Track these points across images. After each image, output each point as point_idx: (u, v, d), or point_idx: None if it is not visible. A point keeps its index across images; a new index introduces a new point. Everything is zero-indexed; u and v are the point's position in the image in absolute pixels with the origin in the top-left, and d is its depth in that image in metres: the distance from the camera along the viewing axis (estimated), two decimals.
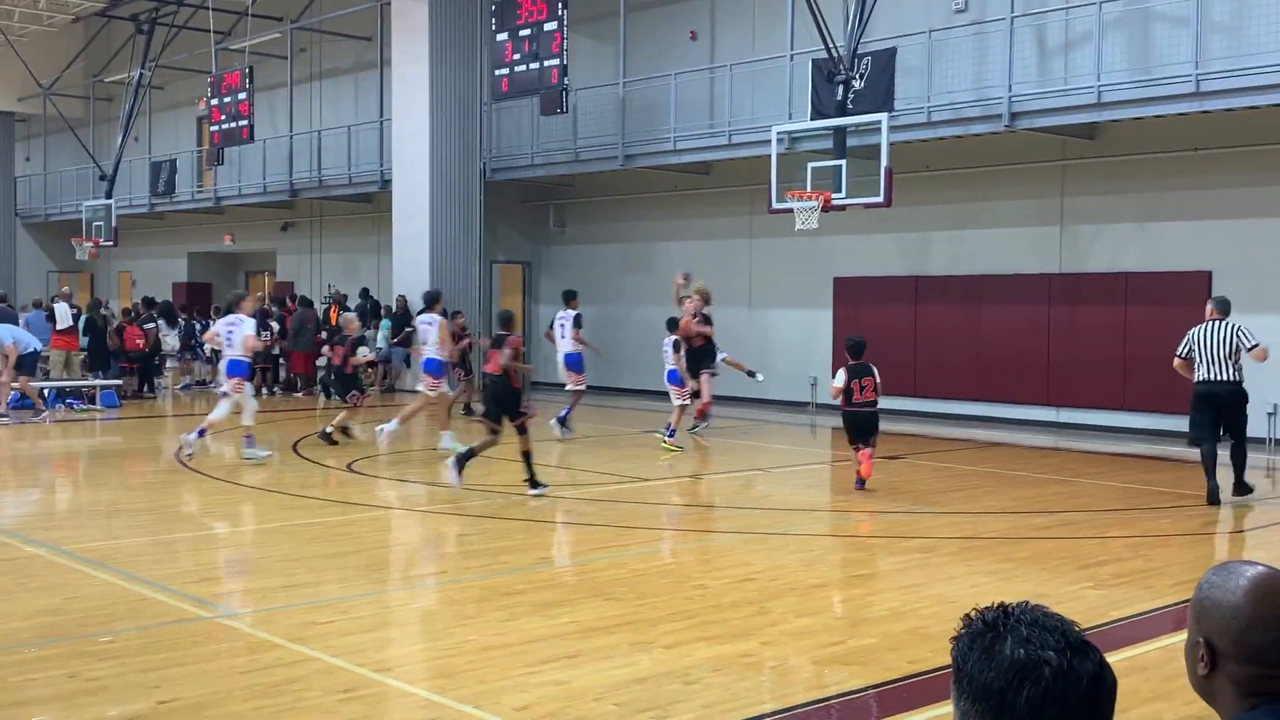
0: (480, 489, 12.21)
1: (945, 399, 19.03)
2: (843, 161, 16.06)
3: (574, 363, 16.45)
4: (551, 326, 17.11)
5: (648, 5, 22.88)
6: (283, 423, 18.67)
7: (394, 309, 23.89)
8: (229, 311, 14.88)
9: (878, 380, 12.13)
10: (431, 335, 15.16)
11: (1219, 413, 11.25)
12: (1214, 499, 11.24)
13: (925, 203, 19.01)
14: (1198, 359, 11.25)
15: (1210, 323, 11.26)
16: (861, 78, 16.75)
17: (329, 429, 15.59)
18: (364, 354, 16.32)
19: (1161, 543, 9.66)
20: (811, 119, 17.52)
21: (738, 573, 8.41)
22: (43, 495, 13.00)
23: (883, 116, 15.73)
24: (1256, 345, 11.15)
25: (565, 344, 16.54)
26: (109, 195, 30.40)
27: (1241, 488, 11.44)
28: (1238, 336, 11.09)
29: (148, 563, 8.65)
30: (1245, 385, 11.31)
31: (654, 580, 8.21)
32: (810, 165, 16.48)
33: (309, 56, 29.77)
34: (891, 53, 17.08)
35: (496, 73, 21.42)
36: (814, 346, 20.84)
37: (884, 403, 12.54)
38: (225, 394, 14.31)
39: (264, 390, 23.41)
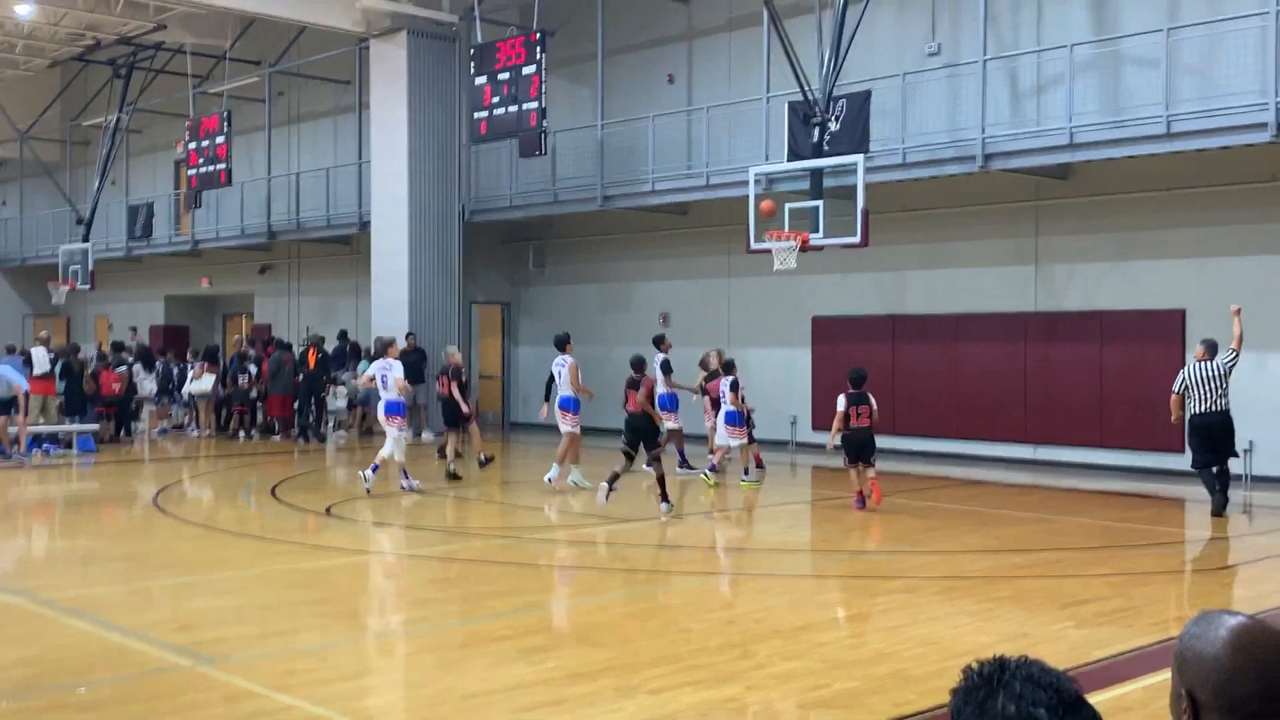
0: (463, 531, 12.18)
1: (923, 436, 19.08)
2: (819, 202, 16.19)
3: (668, 402, 16.72)
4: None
5: (625, 49, 23.07)
6: (262, 465, 18.59)
7: (373, 350, 23.81)
8: (379, 356, 16.15)
9: (874, 407, 13.60)
10: (564, 376, 15.69)
11: (1214, 439, 12.84)
12: (1219, 511, 12.70)
13: (901, 242, 19.16)
14: (1191, 395, 12.86)
15: (1200, 363, 12.90)
16: (837, 120, 16.91)
17: (452, 467, 16.22)
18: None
19: (1142, 580, 9.70)
20: (788, 160, 17.66)
21: (722, 615, 8.40)
22: (19, 543, 12.87)
23: (859, 158, 15.88)
24: (1234, 353, 12.87)
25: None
26: (86, 239, 30.31)
27: (1223, 502, 12.83)
28: (1222, 368, 12.81)
29: (126, 611, 8.58)
30: (1232, 415, 12.95)
31: (638, 624, 8.19)
32: (788, 206, 16.59)
33: (287, 100, 29.85)
34: (866, 95, 17.25)
35: (475, 115, 21.52)
36: (793, 385, 20.91)
37: None
38: (389, 432, 15.12)
39: (241, 433, 23.32)
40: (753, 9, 20.11)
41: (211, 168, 26.77)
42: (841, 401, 13.43)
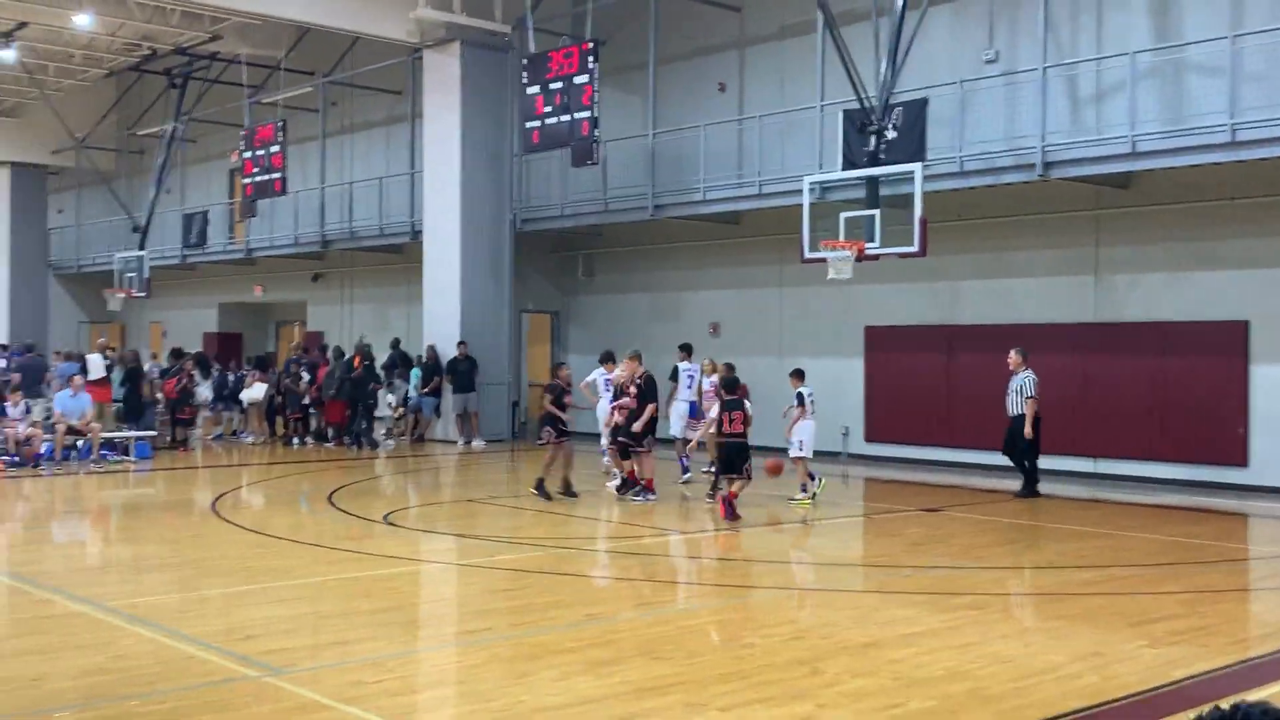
0: (519, 541, 12.15)
1: (980, 449, 18.85)
2: (876, 211, 16.06)
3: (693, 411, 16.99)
4: (676, 377, 17.50)
5: (677, 57, 23.04)
6: (317, 472, 18.67)
7: (424, 359, 23.93)
8: (603, 364, 17.08)
9: (748, 414, 13.50)
10: (692, 383, 16.29)
11: None
12: None
13: (957, 252, 18.98)
14: None
15: None
16: (894, 127, 16.77)
17: (572, 484, 15.20)
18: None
19: (1214, 598, 9.50)
20: (843, 169, 17.54)
21: (786, 630, 8.30)
22: (83, 549, 12.99)
23: (916, 166, 15.74)
24: None
25: (690, 394, 17.30)
26: (142, 246, 30.66)
27: None
28: None
29: (191, 619, 8.60)
30: None
31: (701, 638, 8.11)
32: (843, 215, 16.47)
33: (341, 110, 30.06)
34: (923, 103, 17.12)
35: (527, 125, 21.56)
36: (845, 396, 20.75)
37: (917, 452, 12.98)
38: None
39: (295, 440, 23.46)
40: (806, 16, 20.03)
41: (266, 177, 27.01)
42: (680, 407, 13.62)
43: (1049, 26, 17.37)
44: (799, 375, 15.29)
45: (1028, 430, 15.48)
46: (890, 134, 16.73)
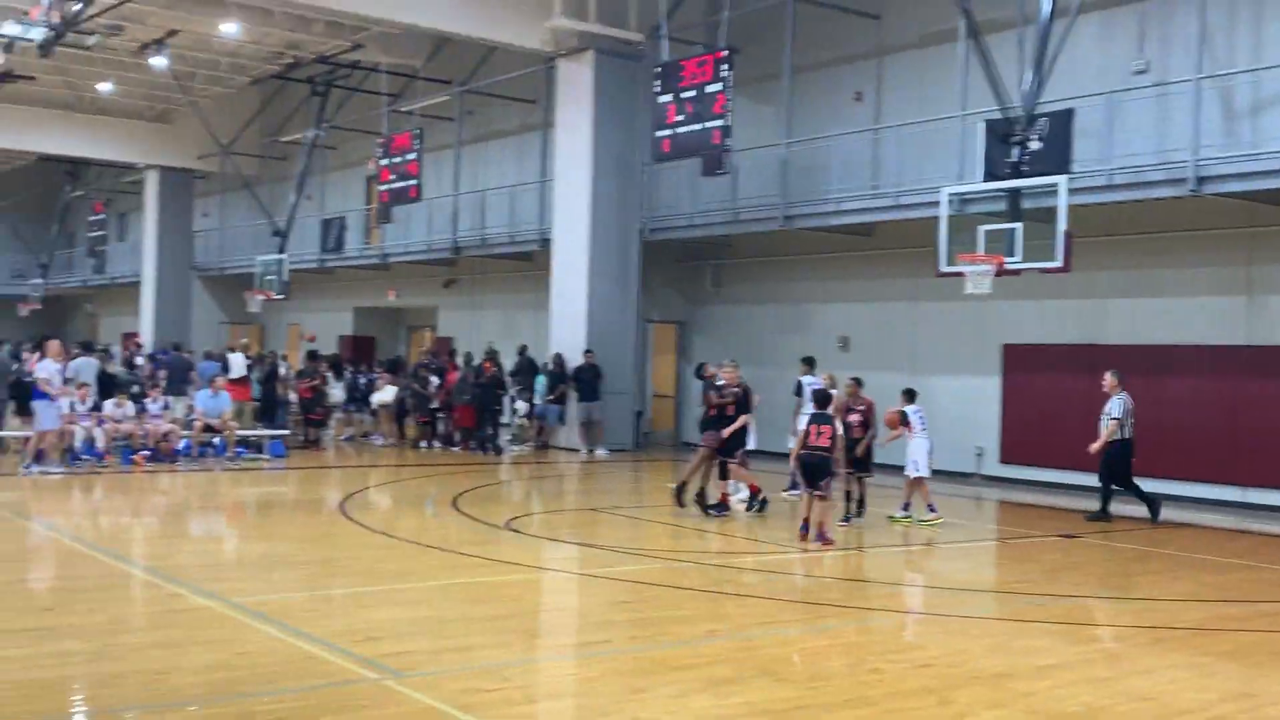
0: (638, 552, 12.01)
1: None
2: (1018, 225, 15.55)
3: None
4: (800, 391, 16.46)
5: (812, 66, 22.72)
6: (443, 476, 18.82)
7: (550, 366, 24.01)
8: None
9: (838, 431, 12.80)
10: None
11: None
12: None
13: (1101, 268, 18.29)
14: None
15: None
16: (1039, 138, 16.23)
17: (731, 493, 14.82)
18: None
19: None
20: (984, 180, 17.04)
21: (914, 656, 7.99)
22: (214, 545, 13.26)
23: (1061, 179, 15.19)
24: None
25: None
26: (281, 250, 31.45)
27: None
28: None
29: (313, 618, 8.64)
30: None
31: (824, 660, 7.84)
32: (982, 228, 15.99)
33: (476, 118, 30.42)
34: (1069, 113, 16.54)
35: (658, 134, 21.46)
36: (979, 415, 20.17)
37: (1056, 476, 12.39)
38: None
39: (423, 443, 23.74)
40: (947, 25, 19.57)
41: (402, 184, 27.44)
42: (803, 421, 13.20)
43: (1203, 36, 16.64)
44: (910, 395, 14.78)
45: (1094, 447, 15.17)
46: (1034, 144, 16.17)
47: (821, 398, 13.42)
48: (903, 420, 14.53)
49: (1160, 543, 13.83)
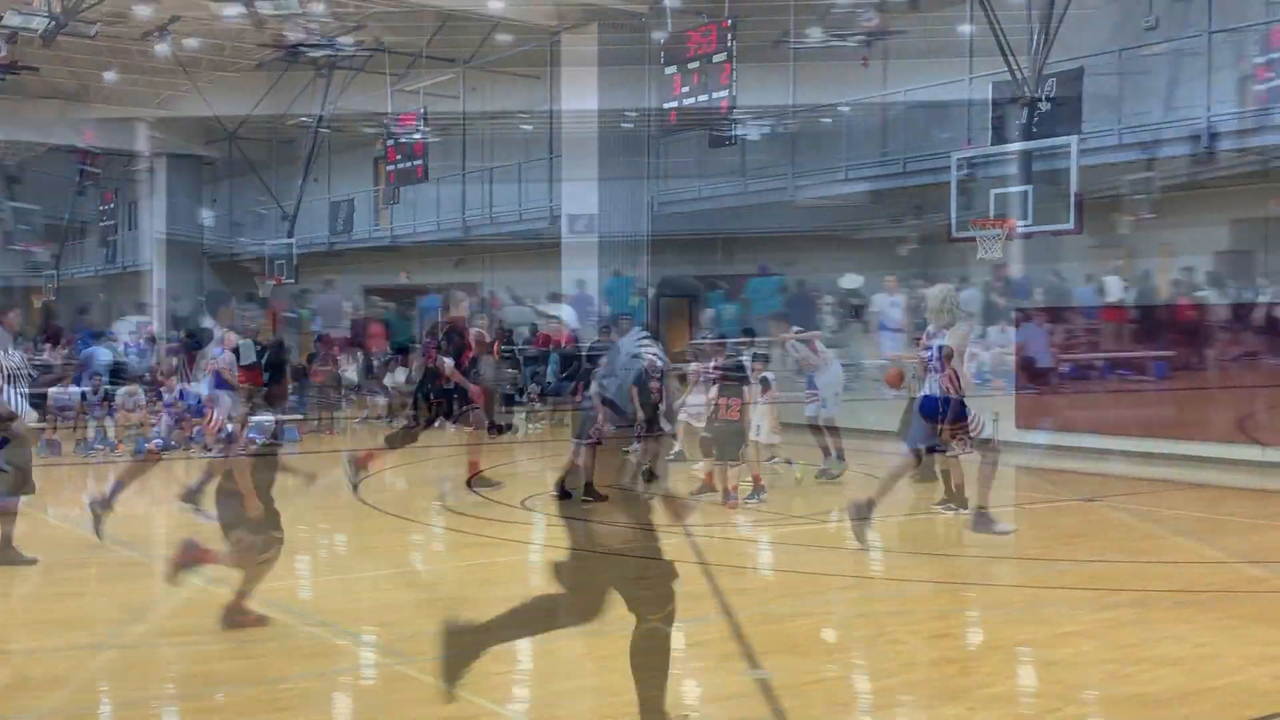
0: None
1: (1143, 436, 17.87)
2: (1028, 188, 15.41)
3: None
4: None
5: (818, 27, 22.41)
6: (456, 456, 18.72)
7: (562, 345, 23.93)
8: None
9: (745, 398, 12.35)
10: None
11: None
12: None
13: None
14: None
15: None
16: (1048, 100, 16.04)
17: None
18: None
19: None
20: (992, 144, 16.89)
21: (934, 626, 7.90)
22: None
23: (1071, 139, 15.03)
24: None
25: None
26: (290, 234, 31.38)
27: None
28: None
29: (328, 604, 8.60)
30: None
31: (843, 632, 7.76)
32: (993, 191, 15.87)
33: (480, 95, 30.21)
34: (1079, 72, 16.34)
35: (664, 105, 21.31)
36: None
37: (1078, 440, 12.15)
38: None
39: (437, 423, 23.62)
40: None
41: (409, 164, 27.33)
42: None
43: None
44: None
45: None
46: (1043, 106, 16.00)
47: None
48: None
49: (1178, 504, 13.69)
